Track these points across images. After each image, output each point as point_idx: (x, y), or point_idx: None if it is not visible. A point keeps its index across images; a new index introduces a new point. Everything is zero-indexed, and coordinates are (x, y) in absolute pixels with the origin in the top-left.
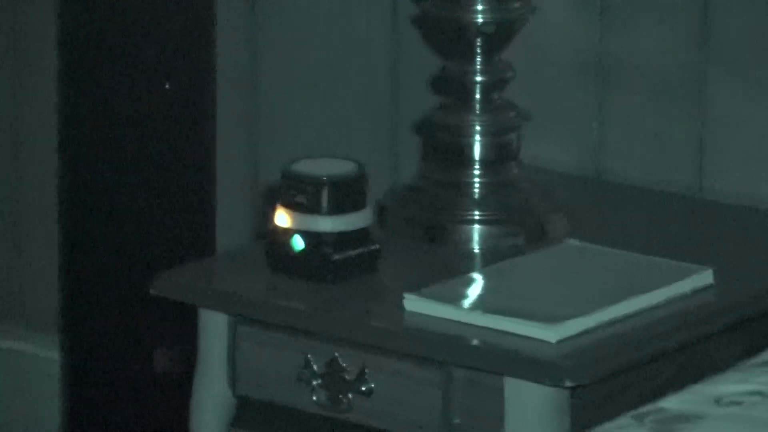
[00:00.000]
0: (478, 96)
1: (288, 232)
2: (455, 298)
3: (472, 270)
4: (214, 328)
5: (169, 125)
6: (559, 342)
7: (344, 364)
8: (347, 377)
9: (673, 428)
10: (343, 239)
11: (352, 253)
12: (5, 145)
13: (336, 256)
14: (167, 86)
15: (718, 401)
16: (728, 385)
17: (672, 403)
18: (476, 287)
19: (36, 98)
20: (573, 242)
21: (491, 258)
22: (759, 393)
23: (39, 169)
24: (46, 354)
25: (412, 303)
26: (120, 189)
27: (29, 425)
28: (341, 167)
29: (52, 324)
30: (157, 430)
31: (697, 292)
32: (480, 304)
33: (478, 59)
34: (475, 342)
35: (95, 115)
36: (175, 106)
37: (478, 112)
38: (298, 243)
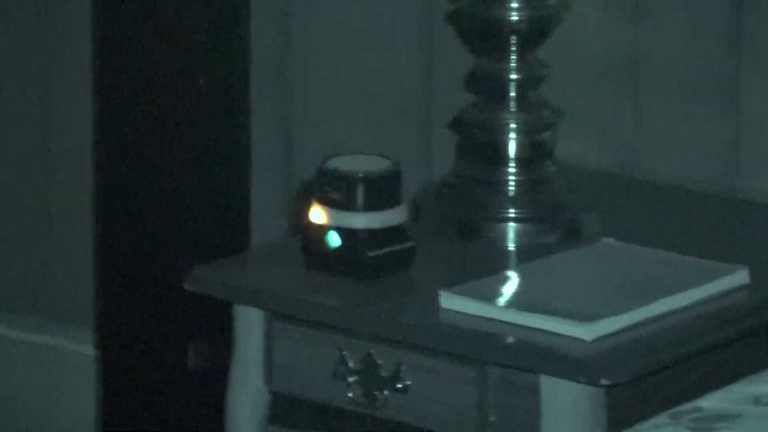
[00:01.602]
0: (512, 94)
1: (323, 229)
2: (490, 295)
3: (507, 268)
4: (249, 324)
5: (203, 121)
6: (595, 340)
7: (379, 361)
8: (383, 374)
9: (711, 427)
10: (378, 236)
11: (388, 250)
12: (40, 138)
13: (371, 253)
14: (201, 82)
15: (757, 401)
16: (766, 385)
17: (709, 402)
18: (511, 285)
19: (70, 92)
20: (607, 241)
21: (526, 256)
22: None
23: (74, 163)
24: (80, 349)
25: (448, 300)
26: (155, 184)
27: (64, 420)
28: (377, 164)
29: (87, 319)
30: (192, 426)
31: (732, 291)
32: (515, 302)
33: (513, 57)
34: (510, 340)
35: (129, 110)
36: (210, 101)
37: (512, 110)
38: (333, 240)
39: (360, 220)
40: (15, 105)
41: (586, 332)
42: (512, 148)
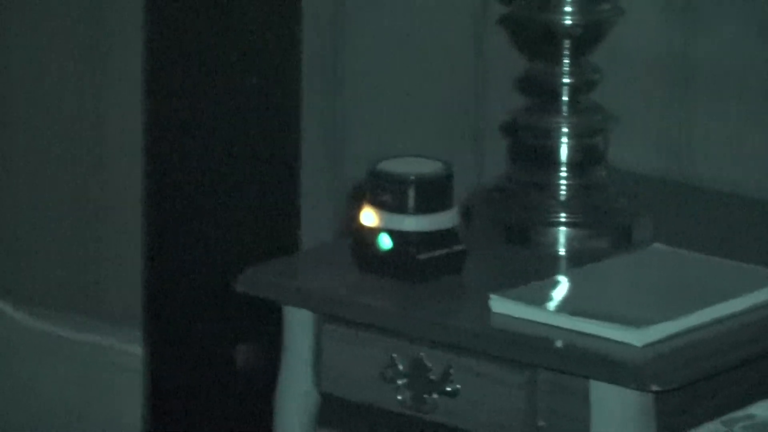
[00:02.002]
0: (565, 98)
1: (374, 231)
2: (541, 299)
3: (558, 272)
4: (298, 326)
5: (254, 121)
6: (645, 346)
7: (429, 364)
8: (432, 377)
9: None
10: (429, 239)
11: (438, 253)
12: (91, 139)
13: (422, 256)
14: (253, 82)
15: None
16: None
17: (762, 409)
18: (562, 289)
19: (121, 93)
20: (658, 246)
21: (576, 260)
22: None
23: (123, 163)
24: (128, 348)
25: (498, 304)
26: (204, 184)
27: (111, 419)
28: (428, 167)
29: (135, 318)
30: (239, 427)
31: None
32: (566, 307)
33: (566, 61)
34: (560, 344)
35: (180, 110)
36: (261, 102)
37: (564, 114)
38: (384, 242)
39: (411, 223)
40: (65, 105)
41: (636, 338)
42: (564, 152)
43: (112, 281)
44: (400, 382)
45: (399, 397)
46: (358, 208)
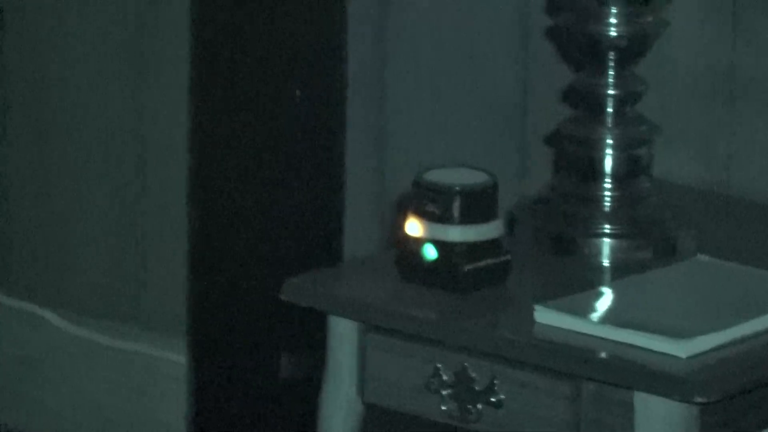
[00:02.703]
0: (609, 109)
1: (419, 241)
2: (585, 310)
3: (602, 283)
4: (343, 336)
5: (298, 133)
6: (689, 357)
7: (473, 375)
8: (476, 388)
9: None
10: (474, 249)
11: (483, 263)
12: (134, 147)
13: (467, 267)
14: (298, 94)
15: None
16: None
17: None
18: (606, 300)
19: (166, 105)
20: (702, 257)
21: (621, 271)
22: None
23: (168, 172)
24: (172, 357)
25: (543, 315)
26: (249, 194)
27: (155, 428)
28: (473, 177)
29: (180, 327)
30: None
31: None
32: (610, 318)
33: (611, 72)
34: (604, 355)
35: (225, 121)
36: (305, 113)
37: (609, 125)
38: (429, 252)
39: (456, 233)
40: (109, 116)
41: (681, 349)
42: (608, 164)
43: (156, 290)
44: (444, 392)
45: (443, 408)
46: (403, 219)
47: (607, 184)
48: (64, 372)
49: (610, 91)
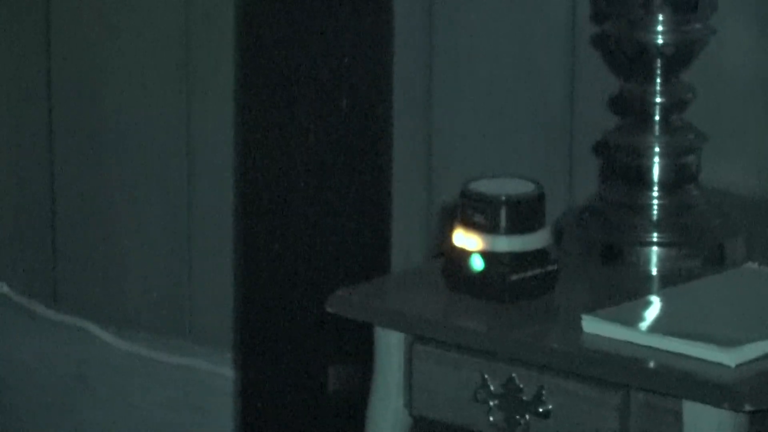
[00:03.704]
0: (657, 117)
1: (465, 252)
2: (633, 320)
3: (650, 292)
4: (390, 347)
5: (345, 143)
6: (738, 366)
7: (521, 385)
8: (524, 398)
9: None
10: (521, 259)
11: (530, 273)
12: (182, 160)
13: (514, 277)
14: (344, 104)
15: None
16: None
17: None
18: (654, 309)
19: (211, 116)
20: (751, 266)
21: (669, 280)
22: None
23: (213, 184)
24: (219, 370)
25: (590, 324)
26: (295, 205)
27: None
28: (520, 187)
29: (226, 340)
30: None
31: None
32: (658, 327)
33: (658, 80)
34: (653, 364)
35: (271, 132)
36: (352, 124)
37: (657, 133)
38: (476, 263)
39: (503, 244)
40: (158, 131)
41: (729, 357)
42: (656, 172)
43: (203, 303)
44: (492, 403)
45: (491, 418)
46: (450, 229)
47: (655, 192)
48: (112, 386)
49: (658, 99)
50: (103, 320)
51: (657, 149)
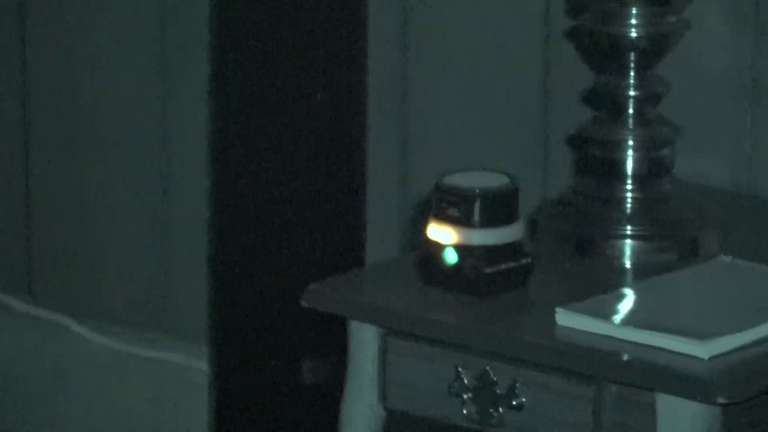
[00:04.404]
0: (631, 111)
1: (439, 245)
2: (607, 312)
3: (624, 285)
4: (364, 341)
5: (320, 136)
6: (712, 358)
7: (495, 378)
8: (498, 391)
9: None
10: (494, 253)
11: (504, 266)
12: (156, 157)
13: (487, 270)
14: (318, 97)
15: None
16: None
17: None
18: (628, 302)
19: (187, 111)
20: (725, 258)
21: (643, 273)
22: None
23: (188, 179)
24: (195, 364)
25: (564, 317)
26: (269, 199)
27: None
28: (494, 180)
29: (202, 335)
30: None
31: None
32: (632, 320)
33: (632, 74)
34: (626, 357)
35: (246, 126)
36: (327, 117)
37: (631, 126)
38: (450, 256)
39: (477, 237)
40: (131, 124)
41: (703, 350)
42: (630, 165)
43: (178, 298)
44: (466, 396)
45: (465, 412)
46: (424, 223)
47: (629, 185)
48: (89, 381)
49: (632, 93)
50: (80, 315)
51: (631, 142)
